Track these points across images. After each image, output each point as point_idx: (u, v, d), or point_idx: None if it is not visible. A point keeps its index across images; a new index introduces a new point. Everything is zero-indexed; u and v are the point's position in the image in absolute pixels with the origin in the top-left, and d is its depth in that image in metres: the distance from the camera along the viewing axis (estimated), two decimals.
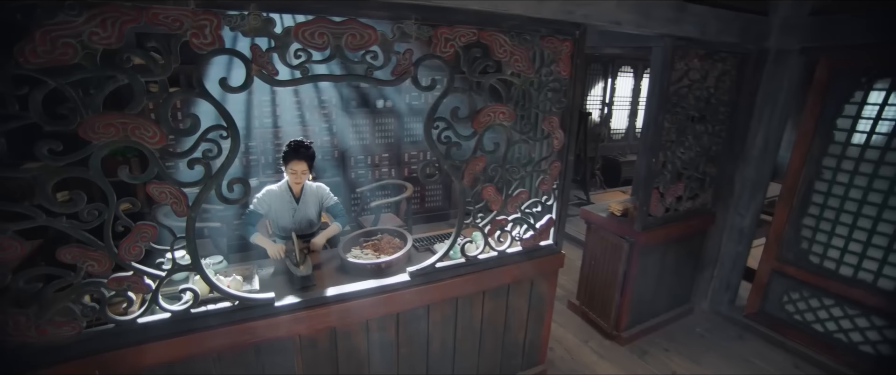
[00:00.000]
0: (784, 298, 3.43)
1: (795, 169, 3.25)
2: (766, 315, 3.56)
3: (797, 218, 3.27)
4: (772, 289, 3.51)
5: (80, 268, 1.54)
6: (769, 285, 3.51)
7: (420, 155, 5.34)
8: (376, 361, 2.28)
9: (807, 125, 3.15)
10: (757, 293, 3.60)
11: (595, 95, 7.48)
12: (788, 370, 3.17)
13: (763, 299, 3.57)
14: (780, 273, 3.42)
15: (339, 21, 1.63)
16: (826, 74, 3.01)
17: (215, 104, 1.56)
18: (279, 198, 2.65)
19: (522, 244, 2.49)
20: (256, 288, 2.12)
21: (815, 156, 3.14)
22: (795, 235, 3.29)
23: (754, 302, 3.63)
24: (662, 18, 2.55)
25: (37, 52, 1.29)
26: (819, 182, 3.16)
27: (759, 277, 3.55)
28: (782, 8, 3.03)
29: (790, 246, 3.33)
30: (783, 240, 3.36)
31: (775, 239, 3.41)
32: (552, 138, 2.32)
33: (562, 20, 2.14)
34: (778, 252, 3.40)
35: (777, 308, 3.49)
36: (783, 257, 3.38)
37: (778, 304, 3.48)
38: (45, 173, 1.40)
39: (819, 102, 3.08)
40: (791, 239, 3.32)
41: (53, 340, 1.56)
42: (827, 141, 3.08)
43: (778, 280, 3.45)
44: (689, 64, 2.91)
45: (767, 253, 3.47)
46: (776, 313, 3.51)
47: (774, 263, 3.44)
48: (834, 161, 3.07)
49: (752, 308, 3.63)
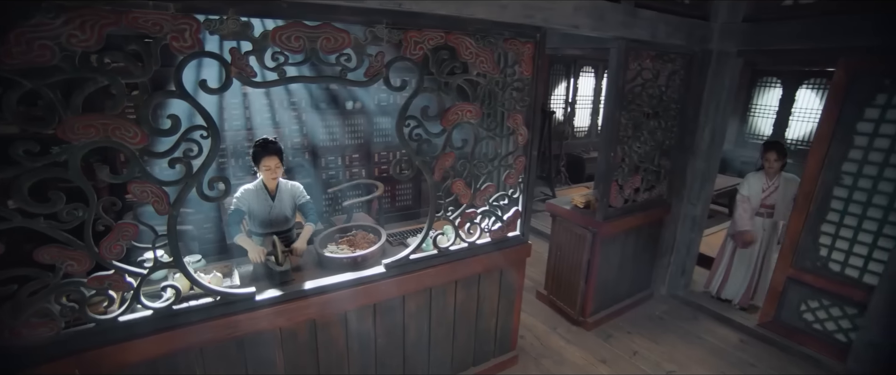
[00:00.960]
0: (802, 307, 3.32)
1: (812, 174, 3.14)
2: (782, 324, 3.44)
3: (815, 224, 3.17)
4: (788, 298, 3.39)
5: (59, 268, 1.55)
6: (785, 293, 3.40)
7: (390, 154, 5.42)
8: (355, 351, 2.36)
9: (824, 129, 3.04)
10: (771, 301, 3.48)
11: (558, 94, 7.76)
12: (735, 343, 3.46)
13: (779, 308, 3.45)
14: (797, 281, 3.31)
15: (314, 25, 1.71)
16: (844, 77, 2.89)
17: (195, 105, 1.61)
18: (256, 196, 2.69)
19: (491, 235, 2.63)
20: (237, 283, 2.17)
21: (834, 161, 3.02)
22: (813, 242, 3.19)
23: (769, 311, 3.51)
24: (616, 22, 2.75)
25: (11, 53, 1.31)
26: (838, 188, 3.03)
27: (773, 285, 3.46)
28: (721, 14, 3.32)
29: (807, 254, 3.23)
30: (799, 248, 3.26)
31: (791, 247, 3.30)
32: (517, 134, 2.48)
33: (523, 23, 2.29)
34: (794, 259, 3.29)
35: (794, 317, 3.38)
36: (800, 264, 3.27)
37: (795, 313, 3.37)
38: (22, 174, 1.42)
39: (837, 106, 2.95)
40: (808, 247, 3.22)
41: (30, 341, 1.57)
42: (847, 145, 2.96)
43: (794, 288, 3.34)
44: (641, 64, 3.13)
45: (783, 260, 3.37)
46: (793, 322, 3.38)
47: (790, 271, 3.32)
48: (855, 166, 2.94)
49: (766, 317, 3.52)
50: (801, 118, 7.52)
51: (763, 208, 3.67)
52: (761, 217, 3.68)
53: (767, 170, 3.58)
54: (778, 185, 3.58)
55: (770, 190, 3.61)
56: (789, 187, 3.55)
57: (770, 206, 3.64)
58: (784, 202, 3.57)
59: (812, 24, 2.91)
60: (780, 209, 3.61)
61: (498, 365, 3.01)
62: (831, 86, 2.99)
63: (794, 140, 7.66)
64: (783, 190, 3.57)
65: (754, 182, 3.67)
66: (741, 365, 3.23)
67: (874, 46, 2.73)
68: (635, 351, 3.35)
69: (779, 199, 3.58)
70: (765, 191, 3.63)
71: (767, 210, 3.66)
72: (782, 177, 3.58)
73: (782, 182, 3.57)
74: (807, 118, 7.43)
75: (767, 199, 3.64)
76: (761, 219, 3.69)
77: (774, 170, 3.56)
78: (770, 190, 3.61)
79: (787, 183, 3.57)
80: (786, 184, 3.57)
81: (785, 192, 3.56)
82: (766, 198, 3.64)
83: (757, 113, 8.11)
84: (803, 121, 7.49)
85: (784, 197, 3.56)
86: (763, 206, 3.66)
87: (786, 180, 3.58)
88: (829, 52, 2.97)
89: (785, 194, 3.56)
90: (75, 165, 1.48)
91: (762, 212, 3.67)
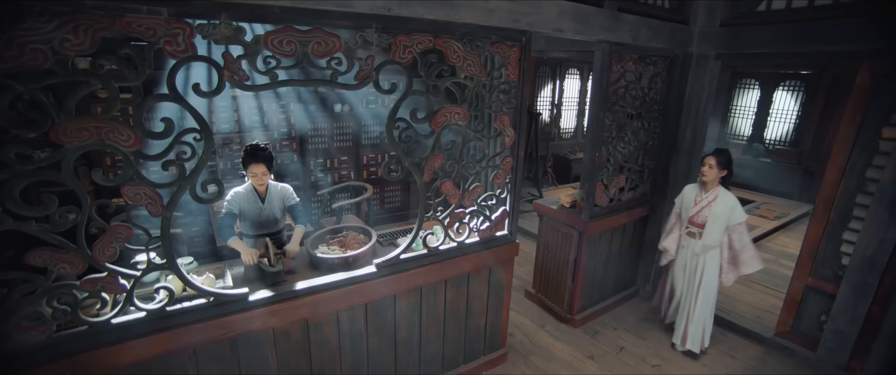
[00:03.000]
0: (823, 317, 3.22)
1: (832, 181, 3.03)
2: (801, 333, 3.37)
3: (836, 232, 3.07)
4: (807, 307, 3.32)
5: (51, 271, 1.56)
6: (803, 302, 3.32)
7: (378, 157, 5.45)
8: (347, 350, 2.39)
9: (846, 135, 2.92)
10: (788, 310, 3.40)
11: (545, 96, 7.87)
12: (716, 337, 3.57)
13: (797, 317, 3.38)
14: (817, 290, 3.22)
15: (305, 30, 1.75)
16: (869, 80, 2.78)
17: (188, 108, 1.63)
18: (246, 198, 2.70)
19: (480, 234, 2.69)
20: (230, 284, 2.18)
21: (857, 168, 2.91)
22: (835, 251, 3.09)
23: (786, 320, 3.43)
24: (599, 26, 2.83)
25: (3, 57, 1.32)
26: (862, 195, 2.92)
27: (791, 294, 3.37)
28: (700, 18, 3.44)
29: (828, 262, 3.14)
30: (819, 256, 3.17)
31: (809, 255, 3.22)
32: (504, 136, 2.54)
33: (509, 28, 2.36)
34: (813, 268, 3.21)
35: (814, 327, 3.29)
36: (820, 273, 3.18)
37: (815, 323, 3.28)
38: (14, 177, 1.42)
39: (861, 110, 2.84)
40: (829, 255, 3.13)
41: (21, 345, 1.57)
42: (871, 152, 2.84)
43: (814, 297, 3.26)
44: (625, 66, 3.22)
45: (800, 269, 3.28)
46: (812, 332, 3.29)
47: (809, 280, 3.24)
48: (880, 173, 2.78)
49: (783, 326, 3.44)
50: (778, 119, 7.75)
51: (692, 225, 3.14)
52: (691, 237, 3.16)
53: (702, 178, 3.06)
54: (712, 199, 3.03)
55: (703, 204, 3.06)
56: (722, 206, 2.98)
57: (700, 225, 3.08)
58: (714, 224, 3.00)
59: (784, 29, 3.04)
60: (711, 233, 3.02)
61: (488, 363, 3.06)
62: (854, 90, 2.85)
63: (772, 140, 7.89)
64: (716, 208, 2.99)
65: (688, 192, 3.21)
66: (722, 357, 3.33)
67: (849, 52, 2.85)
68: (622, 347, 3.43)
69: (709, 218, 3.03)
70: (696, 205, 3.10)
71: (697, 228, 3.11)
72: (720, 191, 3.03)
73: (718, 197, 3.01)
74: (784, 119, 7.67)
75: (697, 216, 3.09)
76: (691, 240, 3.17)
77: (710, 180, 3.02)
78: (703, 204, 3.06)
79: (723, 201, 2.99)
80: (722, 201, 2.99)
81: (717, 212, 2.99)
82: (695, 214, 3.10)
83: (737, 114, 8.33)
84: (781, 122, 7.73)
85: (715, 218, 2.99)
86: (692, 223, 3.14)
87: (723, 198, 3.00)
88: (803, 56, 3.09)
89: (716, 215, 2.99)
90: (68, 168, 1.50)
91: (691, 231, 3.16)
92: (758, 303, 4.07)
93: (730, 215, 2.99)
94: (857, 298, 2.89)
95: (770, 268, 4.81)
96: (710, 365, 3.24)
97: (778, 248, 5.42)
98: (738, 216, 2.99)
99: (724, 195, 3.01)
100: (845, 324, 2.96)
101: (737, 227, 3.02)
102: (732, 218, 2.99)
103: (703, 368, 3.20)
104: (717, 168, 2.99)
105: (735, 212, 2.99)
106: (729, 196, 3.01)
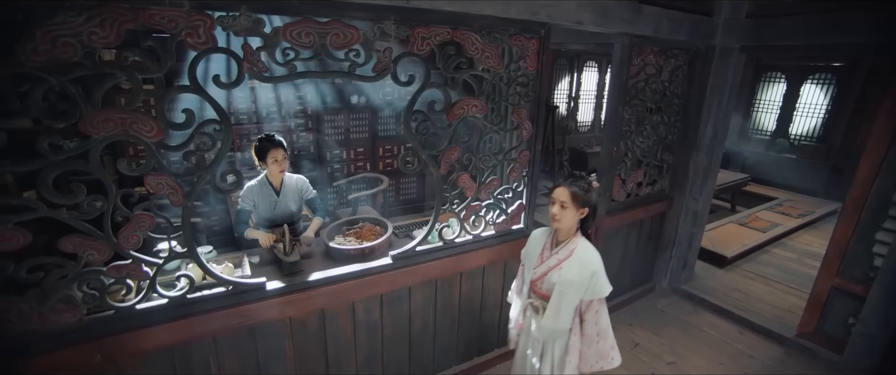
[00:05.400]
0: (850, 319, 3.13)
1: (865, 179, 2.91)
2: (825, 334, 3.27)
3: (868, 232, 2.96)
4: (832, 308, 3.23)
5: (81, 257, 1.61)
6: (829, 303, 3.23)
7: (394, 149, 5.47)
8: (362, 340, 2.42)
9: (883, 131, 2.80)
10: (813, 311, 3.30)
11: (562, 89, 7.78)
12: (734, 336, 3.51)
13: (821, 318, 3.28)
14: (844, 291, 3.12)
15: (324, 21, 1.75)
16: None
17: (209, 99, 1.66)
18: (260, 192, 2.74)
19: (495, 228, 2.68)
20: (248, 273, 2.22)
21: (894, 165, 2.77)
22: (866, 251, 3.00)
23: (809, 321, 3.33)
24: (620, 19, 2.78)
25: (38, 51, 1.36)
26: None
27: (815, 295, 3.28)
28: (724, 10, 3.34)
29: (858, 263, 3.05)
30: (848, 256, 3.08)
31: (836, 255, 3.12)
32: (521, 129, 2.52)
33: (528, 20, 2.33)
34: (840, 268, 3.12)
35: (840, 329, 3.19)
36: (848, 274, 3.09)
37: (841, 325, 3.19)
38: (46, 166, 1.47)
39: None
40: (860, 255, 3.03)
41: (56, 327, 1.63)
42: None
43: (840, 298, 3.17)
44: (645, 60, 3.16)
45: (826, 269, 3.19)
46: (838, 334, 3.19)
47: (836, 280, 3.14)
48: None
49: (806, 327, 3.34)
50: (805, 113, 7.51)
51: (534, 294, 2.05)
52: (534, 311, 2.05)
53: (552, 222, 1.93)
54: (564, 258, 1.90)
55: (550, 263, 1.94)
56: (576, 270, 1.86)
57: (543, 296, 1.99)
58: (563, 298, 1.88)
59: (815, 20, 2.93)
60: (557, 311, 1.90)
61: (501, 356, 3.07)
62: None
63: (797, 135, 7.67)
64: (567, 273, 1.87)
65: (535, 239, 2.10)
66: (740, 357, 3.27)
67: (880, 43, 2.73)
68: (636, 343, 3.40)
69: (556, 288, 1.89)
70: (542, 262, 1.98)
71: (540, 300, 2.01)
72: (578, 245, 1.90)
73: (574, 255, 1.88)
74: (811, 113, 7.43)
75: (541, 282, 1.98)
76: (533, 316, 2.05)
77: (563, 227, 1.90)
78: (550, 263, 1.94)
79: (579, 261, 1.86)
80: (578, 262, 1.87)
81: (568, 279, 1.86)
82: (539, 278, 1.99)
83: (760, 108, 8.11)
84: (808, 117, 7.49)
85: (565, 288, 1.87)
86: (534, 290, 2.05)
87: (581, 255, 1.87)
88: (833, 47, 2.97)
89: (566, 284, 1.87)
90: (96, 158, 1.54)
91: (534, 302, 2.05)
92: (778, 302, 3.98)
93: (587, 284, 1.86)
94: (890, 301, 2.78)
95: (792, 267, 4.71)
96: (728, 365, 3.19)
97: (801, 246, 5.29)
98: (597, 287, 1.87)
99: (584, 251, 1.88)
100: (876, 328, 2.86)
101: (593, 305, 1.91)
102: (590, 289, 1.87)
103: (721, 368, 3.16)
104: (574, 206, 1.84)
105: (595, 282, 1.86)
106: (589, 252, 1.88)
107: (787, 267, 4.70)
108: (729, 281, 4.36)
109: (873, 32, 2.70)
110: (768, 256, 5.01)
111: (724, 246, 4.88)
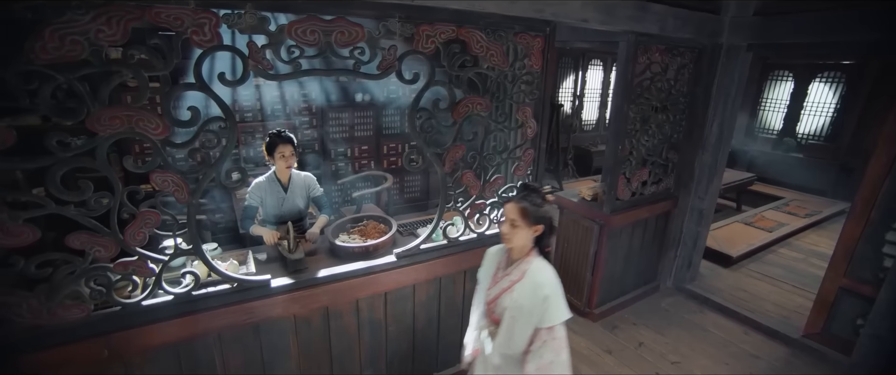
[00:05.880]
0: (858, 320, 3.10)
1: (875, 179, 2.89)
2: (832, 335, 3.23)
3: (878, 232, 2.93)
4: (840, 309, 3.19)
5: (88, 254, 1.63)
6: (836, 304, 3.20)
7: (398, 146, 5.47)
8: (366, 338, 2.43)
9: (893, 130, 2.77)
10: (820, 311, 3.27)
11: (567, 88, 7.74)
12: (739, 336, 3.49)
13: (829, 319, 3.25)
14: (852, 291, 3.10)
15: (329, 19, 1.76)
16: None
17: (214, 97, 1.66)
18: (268, 189, 2.76)
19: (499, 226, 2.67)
20: (253, 271, 2.24)
21: None
22: (875, 252, 2.97)
23: (816, 321, 3.30)
24: (625, 16, 2.76)
25: (47, 49, 1.38)
26: None
27: (822, 295, 3.25)
28: (732, 8, 3.31)
29: (867, 264, 3.02)
30: (856, 256, 3.06)
31: (844, 255, 3.10)
32: (526, 127, 2.51)
33: (533, 18, 2.32)
34: (849, 268, 3.10)
35: (848, 330, 3.16)
36: (857, 275, 3.07)
37: (849, 326, 3.15)
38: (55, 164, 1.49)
39: None
40: (868, 256, 3.00)
41: (64, 322, 1.65)
42: None
43: (849, 299, 3.14)
44: (650, 58, 3.14)
45: (834, 269, 3.17)
46: (846, 335, 3.15)
47: (844, 281, 3.11)
48: None
49: (813, 327, 3.32)
50: (813, 112, 7.44)
51: (488, 319, 1.83)
52: (490, 336, 1.80)
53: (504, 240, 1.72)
54: (517, 280, 1.68)
55: (503, 285, 1.73)
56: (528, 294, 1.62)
57: (496, 321, 1.76)
58: (515, 324, 1.66)
59: (827, 17, 2.89)
60: (509, 336, 1.68)
61: None
62: None
63: (805, 134, 7.60)
64: (518, 297, 1.65)
65: (490, 257, 1.88)
66: (745, 357, 3.26)
67: (893, 41, 2.69)
68: (641, 343, 3.39)
69: (507, 312, 1.68)
70: (495, 284, 1.78)
71: (494, 325, 1.79)
72: (532, 265, 1.67)
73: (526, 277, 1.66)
74: (819, 112, 7.36)
75: (495, 304, 1.75)
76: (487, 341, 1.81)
77: (517, 246, 1.68)
78: (503, 285, 1.73)
79: (532, 284, 1.63)
80: (530, 284, 1.63)
81: (519, 303, 1.64)
82: (492, 301, 1.77)
83: (767, 107, 8.05)
84: (815, 116, 7.42)
85: (516, 313, 1.65)
86: (488, 315, 1.83)
87: (534, 277, 1.64)
88: (845, 45, 2.93)
89: (517, 309, 1.64)
90: (102, 155, 1.55)
91: (486, 325, 1.84)
92: (784, 303, 3.96)
93: (541, 310, 1.61)
94: None
95: (799, 267, 4.67)
96: (733, 365, 3.17)
97: (808, 246, 5.25)
98: (549, 314, 1.61)
99: (537, 272, 1.65)
100: (886, 330, 2.82)
101: (540, 335, 1.63)
102: (545, 315, 1.61)
103: (726, 368, 3.14)
104: (525, 223, 1.62)
105: (548, 307, 1.60)
106: (543, 273, 1.65)
107: (794, 268, 4.67)
108: (734, 281, 4.33)
109: (886, 29, 2.67)
110: (774, 256, 4.97)
111: (730, 245, 4.85)
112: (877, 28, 2.69)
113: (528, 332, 1.65)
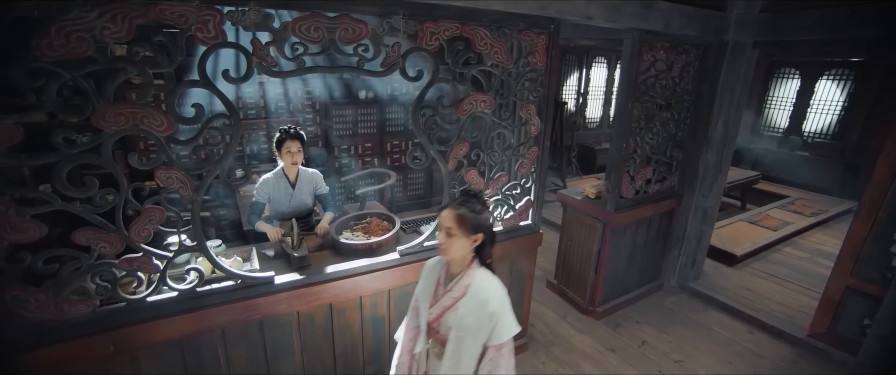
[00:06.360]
0: (865, 320, 3.07)
1: (883, 177, 2.87)
2: (838, 335, 3.21)
3: (887, 232, 2.91)
4: (847, 309, 3.17)
5: (94, 250, 1.64)
6: (843, 304, 3.18)
7: (402, 144, 5.47)
8: (369, 335, 2.44)
9: None
10: (826, 311, 3.25)
11: (571, 85, 7.72)
12: (743, 335, 3.47)
13: (835, 318, 3.22)
14: (859, 291, 3.08)
15: (332, 16, 1.76)
16: None
17: (218, 94, 1.67)
18: (275, 185, 2.77)
19: (503, 224, 2.68)
20: (257, 267, 2.25)
21: None
22: (883, 251, 2.95)
23: (822, 321, 3.28)
24: (630, 14, 2.74)
25: (52, 46, 1.38)
26: None
27: (828, 295, 3.23)
28: (737, 5, 3.28)
29: (874, 263, 3.00)
30: (863, 256, 3.04)
31: (851, 254, 3.08)
32: (529, 125, 2.51)
33: (537, 15, 2.31)
34: (855, 268, 3.08)
35: (854, 330, 3.13)
36: (864, 274, 3.05)
37: (856, 326, 3.13)
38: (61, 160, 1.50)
39: None
40: (876, 256, 2.98)
41: (70, 317, 1.67)
42: None
43: (855, 299, 3.11)
44: (655, 55, 3.12)
45: (841, 269, 3.15)
46: (852, 335, 3.13)
47: (851, 280, 3.09)
48: None
49: (818, 327, 3.30)
50: (819, 110, 7.38)
51: (432, 339, 1.68)
52: (436, 357, 1.67)
53: (440, 252, 1.59)
54: (459, 296, 1.56)
55: (445, 302, 1.60)
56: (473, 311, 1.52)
57: (441, 341, 1.62)
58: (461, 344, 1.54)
59: (835, 14, 2.86)
60: (457, 357, 1.54)
61: None
62: None
63: (811, 133, 7.54)
64: (463, 316, 1.54)
65: (429, 270, 1.74)
66: (749, 356, 3.24)
67: None
68: (644, 341, 3.39)
69: (453, 332, 1.55)
70: (436, 301, 1.63)
71: (439, 345, 1.64)
72: (474, 277, 1.56)
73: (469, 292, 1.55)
74: (826, 110, 7.30)
75: (438, 323, 1.63)
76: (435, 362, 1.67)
77: (455, 258, 1.57)
78: (445, 302, 1.60)
79: (476, 300, 1.53)
80: (473, 301, 1.53)
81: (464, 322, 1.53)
82: (435, 319, 1.63)
83: (773, 104, 7.99)
84: (822, 114, 7.36)
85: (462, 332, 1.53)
86: (431, 335, 1.67)
87: (478, 292, 1.53)
88: (853, 43, 2.90)
89: (462, 328, 1.53)
90: (108, 152, 1.56)
91: (430, 346, 1.69)
92: (789, 302, 3.94)
93: (489, 328, 1.52)
94: None
95: (804, 266, 4.65)
96: (737, 364, 3.16)
97: (813, 245, 5.22)
98: (498, 330, 1.53)
99: (481, 286, 1.55)
100: (893, 330, 2.79)
101: (488, 354, 1.55)
102: (494, 333, 1.53)
103: (730, 367, 3.13)
104: (463, 232, 1.51)
105: (498, 323, 1.52)
106: (488, 287, 1.55)
107: (799, 267, 4.64)
108: (738, 280, 4.32)
109: (893, 27, 2.64)
110: (779, 255, 4.95)
111: (734, 244, 4.83)
112: (887, 25, 2.66)
113: (477, 351, 1.56)
